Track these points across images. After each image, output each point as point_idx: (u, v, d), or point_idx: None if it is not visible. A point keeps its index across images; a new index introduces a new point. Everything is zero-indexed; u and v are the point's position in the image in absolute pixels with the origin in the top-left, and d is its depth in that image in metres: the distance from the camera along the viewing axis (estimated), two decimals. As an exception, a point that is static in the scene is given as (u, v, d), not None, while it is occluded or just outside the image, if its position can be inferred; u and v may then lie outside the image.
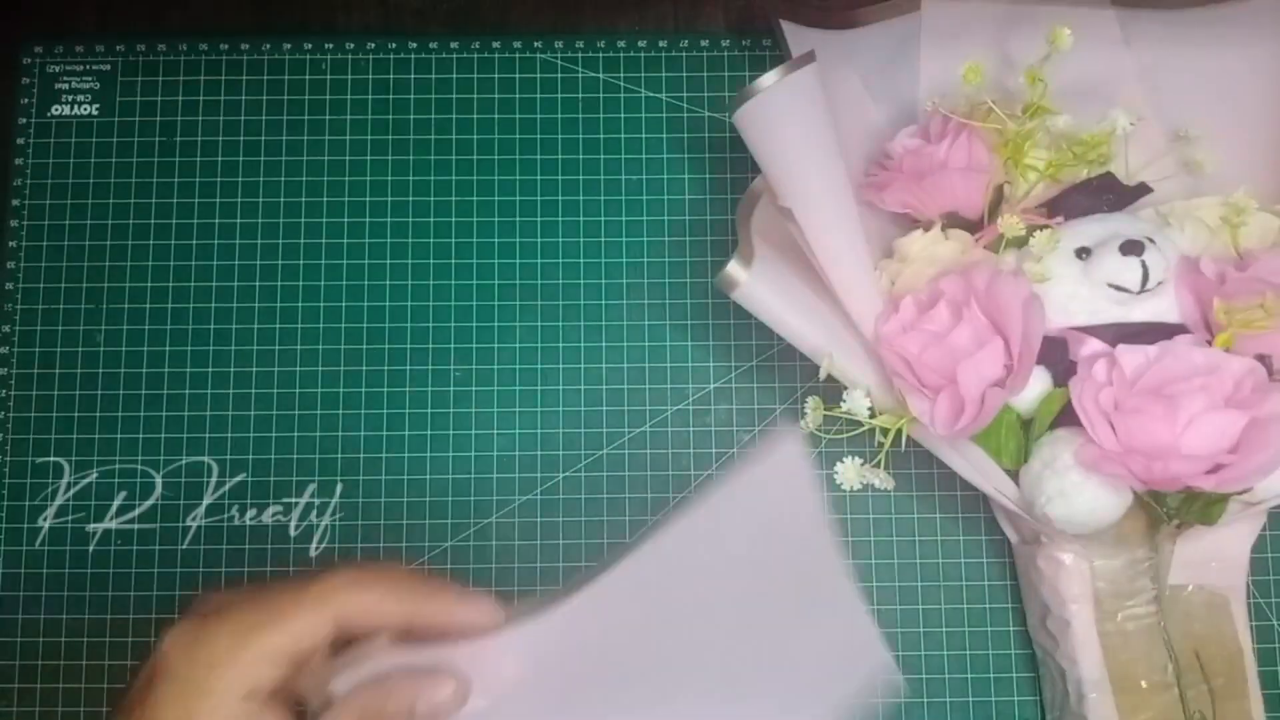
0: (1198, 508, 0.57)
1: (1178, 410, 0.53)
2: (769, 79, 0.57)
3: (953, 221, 0.64)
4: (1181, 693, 0.59)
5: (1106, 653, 0.60)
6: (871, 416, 0.59)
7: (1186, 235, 0.61)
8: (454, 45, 0.74)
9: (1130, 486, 0.55)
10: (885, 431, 0.59)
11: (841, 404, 0.58)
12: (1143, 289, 0.58)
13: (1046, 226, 0.59)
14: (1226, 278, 0.57)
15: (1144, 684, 0.60)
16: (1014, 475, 0.59)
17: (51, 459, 0.69)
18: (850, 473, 0.60)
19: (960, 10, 0.70)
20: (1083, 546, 0.60)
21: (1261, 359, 0.55)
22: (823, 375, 0.60)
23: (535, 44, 0.74)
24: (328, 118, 0.73)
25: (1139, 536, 0.60)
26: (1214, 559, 0.61)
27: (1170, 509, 0.58)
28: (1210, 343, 0.56)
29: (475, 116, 0.73)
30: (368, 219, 0.72)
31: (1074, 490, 0.55)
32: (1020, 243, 0.60)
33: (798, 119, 0.59)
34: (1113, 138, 0.62)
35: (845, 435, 0.59)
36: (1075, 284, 0.58)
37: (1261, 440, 0.52)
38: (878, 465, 0.59)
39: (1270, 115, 0.66)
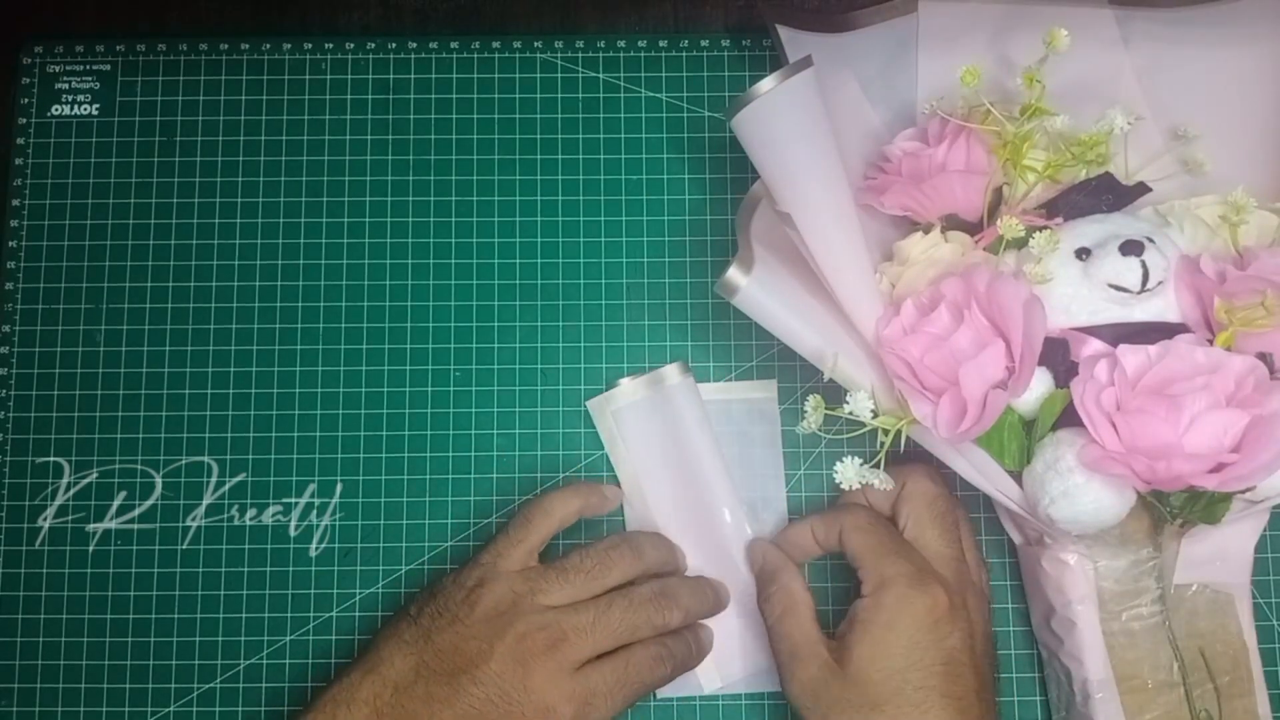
0: (1201, 507, 0.57)
1: (1180, 410, 0.53)
2: (765, 84, 0.57)
3: (952, 223, 0.64)
4: (1187, 691, 0.60)
5: (1112, 652, 0.60)
6: (873, 417, 0.59)
7: (1186, 234, 0.61)
8: (454, 45, 0.74)
9: (1133, 487, 0.55)
10: (885, 432, 0.59)
11: (845, 405, 0.58)
12: (1143, 289, 0.58)
13: (1046, 227, 0.59)
14: (1227, 276, 0.57)
15: (1150, 683, 0.60)
16: (1016, 477, 0.59)
17: (51, 459, 0.69)
18: (849, 472, 0.59)
19: (957, 12, 0.70)
20: (1087, 547, 0.60)
21: (1263, 357, 0.55)
22: (826, 379, 0.60)
23: (535, 44, 0.74)
24: (328, 118, 0.73)
25: (1143, 536, 0.60)
26: (1218, 558, 0.61)
27: (1173, 509, 0.58)
28: (1211, 342, 0.56)
29: (475, 116, 0.73)
30: (368, 219, 0.72)
31: (1077, 491, 0.55)
32: (1020, 244, 0.60)
33: (795, 124, 0.58)
34: (1111, 138, 0.61)
35: (845, 435, 0.59)
36: (1075, 285, 0.58)
37: (1264, 439, 0.52)
38: (877, 466, 0.59)
39: (1268, 113, 0.66)
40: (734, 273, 0.59)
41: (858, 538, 0.61)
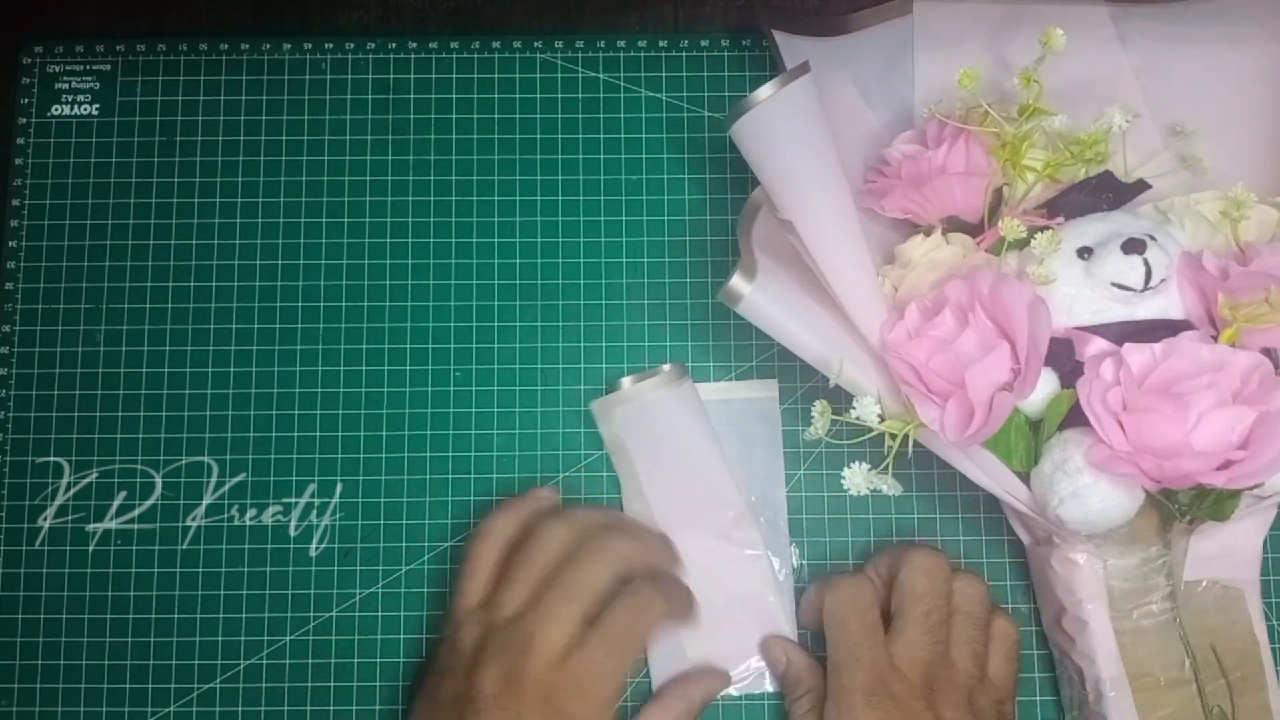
0: (1209, 504, 0.57)
1: (1187, 408, 0.53)
2: (763, 92, 0.57)
3: (953, 225, 0.64)
4: (1200, 688, 0.59)
5: (1123, 650, 0.60)
6: (880, 422, 0.59)
7: (1187, 231, 0.61)
8: (454, 45, 0.74)
9: (1142, 485, 0.55)
10: (893, 437, 0.59)
11: (852, 411, 0.58)
12: (1146, 287, 0.58)
13: (1047, 227, 0.59)
14: (1229, 272, 0.57)
15: (1162, 680, 0.60)
16: (1024, 478, 0.59)
17: (51, 459, 0.69)
18: (857, 478, 0.59)
19: (953, 12, 0.71)
20: (1096, 546, 0.60)
21: (1268, 353, 0.55)
22: (832, 384, 0.60)
23: (535, 44, 0.74)
24: (328, 118, 0.73)
25: (1152, 534, 0.60)
26: (1226, 554, 0.60)
27: (1182, 506, 0.57)
28: (1216, 338, 0.56)
29: (475, 116, 0.73)
30: (368, 219, 0.72)
31: (1086, 491, 0.55)
32: (1022, 244, 0.60)
33: (794, 131, 0.58)
34: (1109, 136, 0.62)
35: (848, 443, 0.59)
36: (1078, 284, 0.58)
37: (1271, 435, 0.52)
38: (884, 471, 0.59)
39: (1266, 108, 0.67)
40: (737, 280, 0.59)
41: (832, 627, 0.61)
